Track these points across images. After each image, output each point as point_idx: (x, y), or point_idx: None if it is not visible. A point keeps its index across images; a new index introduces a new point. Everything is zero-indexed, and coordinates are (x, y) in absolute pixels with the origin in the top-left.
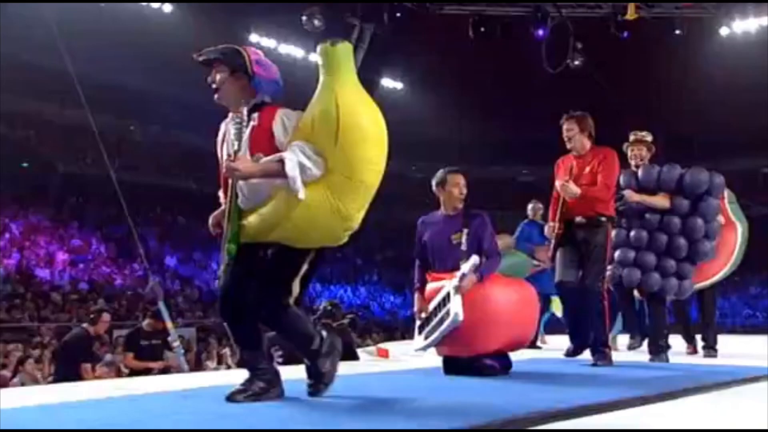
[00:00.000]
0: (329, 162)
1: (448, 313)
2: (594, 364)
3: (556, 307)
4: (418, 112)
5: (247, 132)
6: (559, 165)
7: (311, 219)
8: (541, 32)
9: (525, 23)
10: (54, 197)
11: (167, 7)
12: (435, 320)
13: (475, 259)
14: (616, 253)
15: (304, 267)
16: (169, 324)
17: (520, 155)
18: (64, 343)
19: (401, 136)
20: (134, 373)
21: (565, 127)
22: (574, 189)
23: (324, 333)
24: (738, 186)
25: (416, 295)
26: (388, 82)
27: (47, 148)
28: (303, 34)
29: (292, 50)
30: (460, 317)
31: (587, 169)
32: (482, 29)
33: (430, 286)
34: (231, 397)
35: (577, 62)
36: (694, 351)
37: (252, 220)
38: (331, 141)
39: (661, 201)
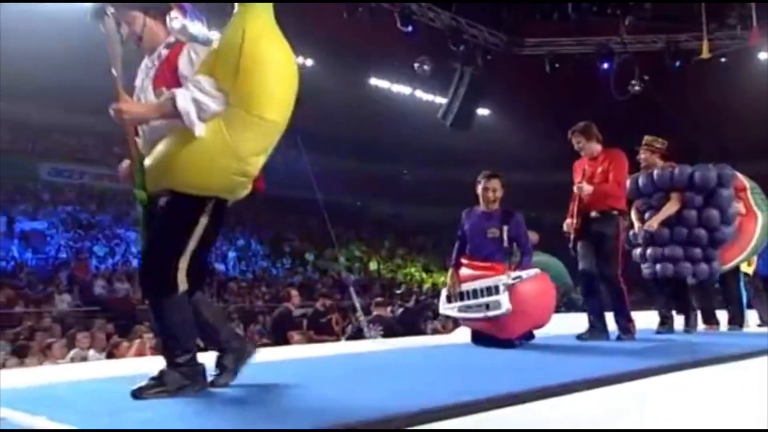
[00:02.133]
0: (231, 97)
1: (498, 304)
2: (618, 338)
3: None
4: (502, 132)
5: (154, 68)
6: (576, 168)
7: (202, 158)
8: (606, 65)
9: (591, 58)
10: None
11: (308, 62)
12: (477, 301)
13: (535, 271)
14: (648, 251)
15: (200, 227)
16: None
17: None
18: (274, 319)
19: (488, 153)
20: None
21: (573, 140)
22: (588, 188)
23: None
24: None
25: (451, 271)
26: (481, 110)
27: None
28: (411, 75)
29: (402, 89)
30: (509, 311)
31: (599, 169)
32: (556, 65)
33: (466, 271)
34: (137, 393)
35: (637, 88)
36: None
37: (148, 163)
38: (233, 72)
39: (673, 207)
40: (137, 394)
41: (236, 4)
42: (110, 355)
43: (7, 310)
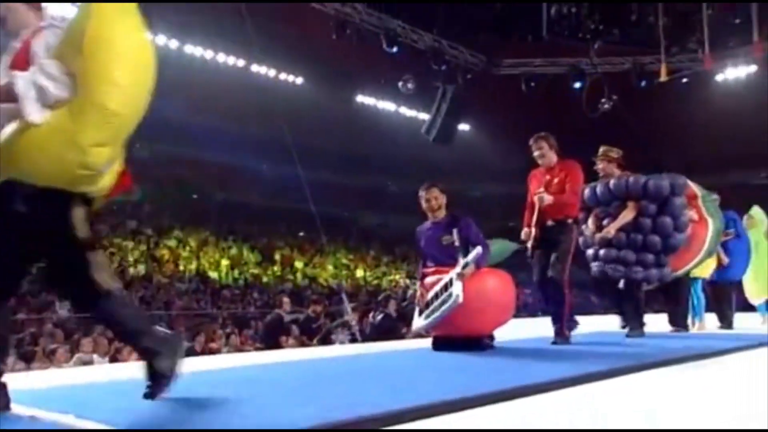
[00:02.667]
0: (76, 81)
1: (450, 296)
2: (554, 342)
3: None
4: (481, 146)
5: (14, 51)
6: (531, 178)
7: (41, 146)
8: (577, 85)
9: (564, 78)
10: (214, 219)
11: (299, 80)
12: (436, 303)
13: (478, 249)
14: (601, 252)
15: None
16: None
17: None
18: (266, 325)
19: (468, 166)
20: None
21: (536, 146)
22: (549, 198)
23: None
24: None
25: (418, 285)
26: (461, 126)
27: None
28: (396, 92)
29: (388, 105)
30: (461, 299)
31: (556, 179)
32: (531, 84)
33: (430, 279)
34: None
35: (606, 106)
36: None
37: None
38: (79, 55)
39: (629, 215)
40: None
41: None
42: (113, 359)
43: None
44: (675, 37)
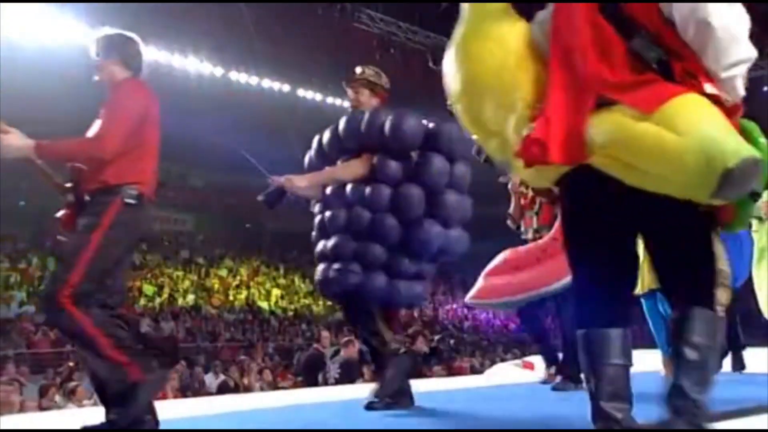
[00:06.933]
0: None
1: None
2: None
3: None
4: None
5: None
6: None
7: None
8: None
9: None
10: (266, 247)
11: (345, 103)
12: None
13: None
14: (330, 242)
15: None
16: None
17: None
18: (305, 360)
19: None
20: None
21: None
22: None
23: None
24: None
25: None
26: None
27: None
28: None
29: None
30: None
31: None
32: None
33: None
34: None
35: None
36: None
37: None
38: None
39: (348, 171)
40: None
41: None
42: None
43: (57, 349)
44: (755, 41)
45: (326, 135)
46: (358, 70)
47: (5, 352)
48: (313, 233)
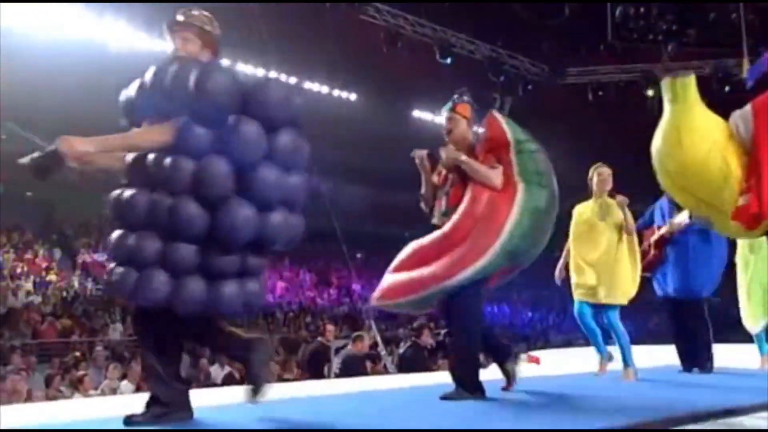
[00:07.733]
0: None
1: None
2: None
3: None
4: None
5: None
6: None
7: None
8: (651, 92)
9: (636, 86)
10: None
11: (353, 96)
12: None
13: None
14: (130, 241)
15: None
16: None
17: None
18: (310, 354)
19: None
20: None
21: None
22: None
23: None
24: None
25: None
26: None
27: None
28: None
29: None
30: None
31: None
32: (599, 93)
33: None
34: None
35: None
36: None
37: None
38: None
39: (150, 135)
40: None
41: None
42: (138, 388)
43: (62, 339)
44: (763, 34)
45: (131, 89)
46: (185, 12)
47: (12, 342)
48: (108, 212)
